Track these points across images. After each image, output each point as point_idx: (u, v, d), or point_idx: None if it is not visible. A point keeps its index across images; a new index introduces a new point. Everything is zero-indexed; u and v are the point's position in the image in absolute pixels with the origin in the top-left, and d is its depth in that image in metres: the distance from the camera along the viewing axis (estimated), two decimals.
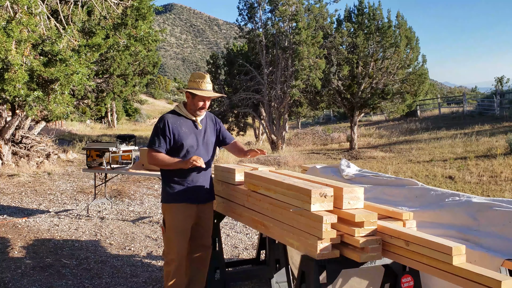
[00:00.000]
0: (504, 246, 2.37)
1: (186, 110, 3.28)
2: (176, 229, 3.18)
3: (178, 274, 3.22)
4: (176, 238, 3.18)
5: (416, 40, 17.55)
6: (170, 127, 3.16)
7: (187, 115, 3.27)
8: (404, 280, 2.59)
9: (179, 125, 3.20)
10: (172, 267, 3.19)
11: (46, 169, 10.97)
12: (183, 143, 3.18)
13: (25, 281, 4.17)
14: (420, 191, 3.08)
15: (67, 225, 6.16)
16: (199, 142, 3.26)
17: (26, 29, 6.06)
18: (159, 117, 3.29)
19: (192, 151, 3.21)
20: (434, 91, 39.97)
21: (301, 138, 21.89)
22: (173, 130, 3.16)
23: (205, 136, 3.31)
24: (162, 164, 3.16)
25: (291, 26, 17.08)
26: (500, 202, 2.61)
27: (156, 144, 3.15)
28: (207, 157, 3.30)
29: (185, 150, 3.19)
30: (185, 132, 3.20)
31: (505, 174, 9.86)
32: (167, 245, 3.24)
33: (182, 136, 3.18)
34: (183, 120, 3.25)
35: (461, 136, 17.36)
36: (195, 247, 3.35)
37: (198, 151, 3.24)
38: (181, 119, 3.24)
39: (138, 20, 7.60)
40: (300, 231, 2.48)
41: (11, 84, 5.86)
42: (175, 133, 3.17)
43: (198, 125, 3.28)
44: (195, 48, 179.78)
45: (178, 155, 3.19)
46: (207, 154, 3.31)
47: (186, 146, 3.19)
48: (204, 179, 3.29)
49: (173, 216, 3.20)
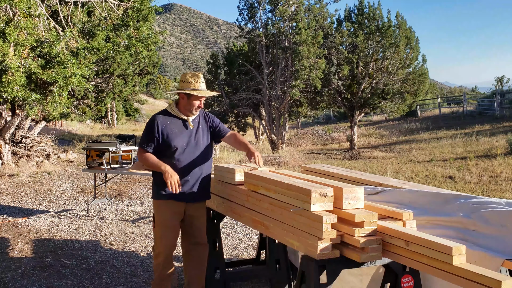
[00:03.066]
0: (504, 246, 2.37)
1: (178, 109, 3.29)
2: (164, 224, 3.28)
3: (166, 266, 3.32)
4: (164, 233, 3.27)
5: (416, 40, 17.55)
6: (160, 127, 3.20)
7: (179, 114, 3.28)
8: (404, 280, 2.59)
9: (169, 125, 3.23)
10: (160, 259, 3.29)
11: (46, 169, 10.97)
12: (171, 144, 3.20)
13: (25, 281, 4.17)
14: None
15: (67, 225, 6.16)
16: (190, 142, 3.27)
17: (24, 31, 6.06)
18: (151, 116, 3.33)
19: (181, 151, 3.24)
20: (434, 91, 39.97)
21: (301, 138, 21.89)
22: (162, 131, 3.20)
23: (197, 135, 3.32)
24: (146, 163, 3.24)
25: (291, 26, 17.09)
26: (500, 202, 2.61)
27: (144, 144, 3.23)
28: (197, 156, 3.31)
29: (174, 150, 3.22)
30: (175, 133, 3.22)
31: (505, 174, 9.86)
32: (156, 239, 3.35)
33: (171, 136, 3.21)
34: (174, 120, 3.26)
35: (461, 136, 17.37)
36: (191, 246, 3.40)
37: (187, 151, 3.26)
38: (171, 119, 3.26)
39: (139, 21, 7.60)
40: (300, 231, 2.48)
41: (9, 86, 5.86)
42: (164, 134, 3.20)
43: (189, 125, 3.29)
44: (195, 48, 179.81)
45: (167, 155, 3.23)
46: (198, 154, 3.31)
47: (175, 146, 3.21)
48: (194, 178, 3.30)
49: (161, 212, 3.29)
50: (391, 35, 16.67)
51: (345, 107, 18.35)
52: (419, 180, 9.79)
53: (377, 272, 3.09)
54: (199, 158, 3.31)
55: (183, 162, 3.25)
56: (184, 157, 3.25)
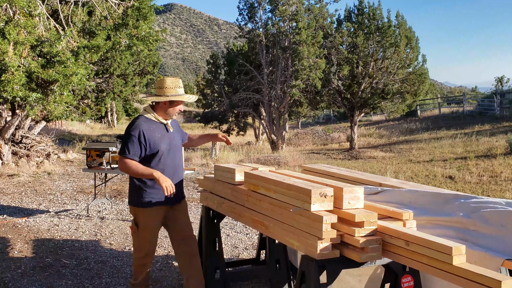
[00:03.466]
0: (504, 246, 2.37)
1: (157, 113, 3.26)
2: (148, 229, 3.30)
3: (149, 265, 3.45)
4: (149, 236, 3.33)
5: (416, 40, 17.55)
6: (146, 135, 3.15)
7: (159, 119, 3.26)
8: (404, 280, 2.59)
9: (153, 131, 3.20)
10: (147, 260, 3.39)
11: (46, 169, 10.97)
12: (158, 149, 3.20)
13: (25, 281, 4.17)
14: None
15: (67, 225, 6.16)
16: (171, 145, 3.30)
17: (24, 31, 6.06)
18: (130, 122, 3.26)
19: (166, 155, 3.25)
20: (434, 91, 39.97)
21: (301, 138, 21.89)
22: (148, 139, 3.16)
23: (175, 138, 3.36)
24: (133, 172, 3.17)
25: (291, 26, 17.08)
26: (500, 202, 2.61)
27: (129, 153, 3.14)
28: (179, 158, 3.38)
29: (160, 155, 3.22)
30: (159, 138, 3.22)
31: (505, 174, 9.86)
32: (139, 242, 3.36)
33: (157, 142, 3.19)
34: (155, 125, 3.24)
35: (461, 136, 17.37)
36: (180, 242, 3.37)
37: (171, 154, 3.29)
38: (153, 125, 3.23)
39: (139, 20, 7.60)
40: (300, 231, 2.48)
41: (9, 85, 5.86)
42: (151, 141, 3.17)
43: (169, 128, 3.30)
44: (195, 48, 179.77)
45: (152, 160, 3.21)
46: (178, 156, 3.37)
47: (161, 151, 3.21)
48: (177, 180, 3.34)
49: (146, 218, 3.28)
50: (391, 35, 16.67)
51: (345, 107, 18.35)
52: (419, 180, 9.79)
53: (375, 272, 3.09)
54: (178, 160, 3.37)
55: (168, 165, 3.26)
56: (168, 161, 3.27)
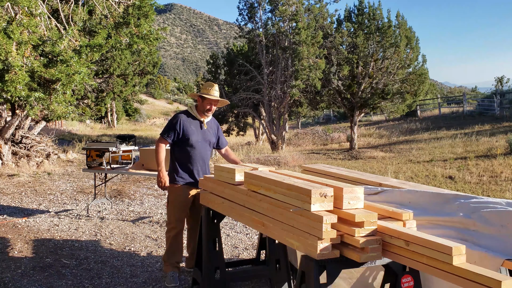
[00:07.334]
0: (504, 246, 2.37)
1: (196, 111, 4.10)
2: (177, 204, 4.06)
3: (177, 239, 4.08)
4: (177, 211, 4.06)
5: (416, 40, 17.54)
6: (181, 123, 4.00)
7: (196, 116, 4.10)
8: (404, 280, 2.59)
9: (189, 123, 4.04)
10: (172, 233, 4.06)
11: (46, 169, 10.97)
12: (189, 138, 4.02)
13: (25, 281, 4.17)
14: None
15: (67, 225, 6.16)
16: (202, 139, 4.09)
17: (27, 30, 6.06)
18: (174, 114, 4.19)
19: (196, 145, 4.05)
20: (434, 91, 39.96)
21: (301, 138, 21.89)
22: (183, 127, 4.00)
23: (207, 135, 4.14)
24: (155, 156, 4.07)
25: (291, 26, 17.08)
26: (500, 202, 2.61)
27: (165, 134, 4.02)
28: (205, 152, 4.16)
29: (190, 143, 4.03)
30: (192, 130, 4.04)
31: (505, 174, 9.86)
32: (169, 216, 4.11)
33: (190, 132, 4.02)
34: (192, 119, 4.08)
35: (461, 136, 17.37)
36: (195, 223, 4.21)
37: (200, 145, 4.08)
38: (190, 118, 4.08)
39: (140, 19, 7.59)
40: (300, 231, 2.48)
41: (12, 85, 5.86)
42: (184, 129, 4.01)
43: (203, 126, 4.12)
44: (195, 48, 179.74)
45: (183, 146, 4.04)
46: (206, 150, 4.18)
47: (192, 141, 4.03)
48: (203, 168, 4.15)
49: (176, 194, 4.05)
50: (391, 35, 16.66)
51: (345, 107, 18.35)
52: (419, 180, 9.79)
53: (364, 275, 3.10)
54: (206, 154, 4.16)
55: (196, 155, 4.07)
56: (196, 151, 4.06)
